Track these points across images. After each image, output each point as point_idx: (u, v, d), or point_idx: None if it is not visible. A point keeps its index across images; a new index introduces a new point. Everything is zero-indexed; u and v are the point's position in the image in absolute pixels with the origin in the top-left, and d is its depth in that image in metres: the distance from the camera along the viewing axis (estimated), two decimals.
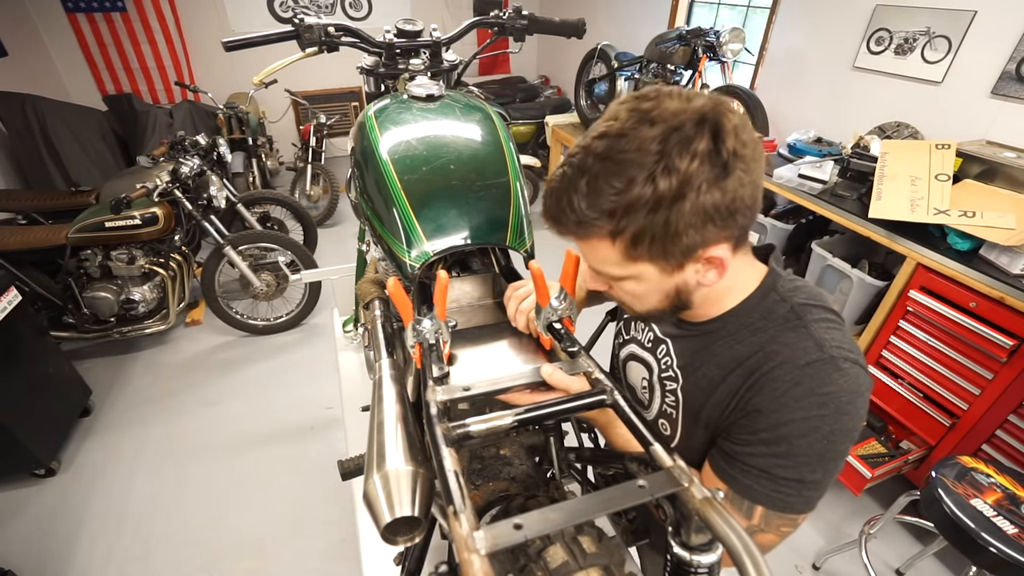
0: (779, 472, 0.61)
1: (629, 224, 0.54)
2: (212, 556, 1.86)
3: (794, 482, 0.61)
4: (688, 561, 0.54)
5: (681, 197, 0.52)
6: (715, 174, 0.52)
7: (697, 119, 0.52)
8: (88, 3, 4.09)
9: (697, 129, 0.51)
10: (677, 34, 3.17)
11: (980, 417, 1.67)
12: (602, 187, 0.53)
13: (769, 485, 0.62)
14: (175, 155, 2.64)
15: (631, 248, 0.56)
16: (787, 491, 0.62)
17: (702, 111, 0.52)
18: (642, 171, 0.51)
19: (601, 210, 0.54)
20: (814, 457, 0.60)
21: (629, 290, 0.64)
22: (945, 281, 1.70)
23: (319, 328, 3.03)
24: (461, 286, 0.92)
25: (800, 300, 0.65)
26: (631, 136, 0.52)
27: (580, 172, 0.55)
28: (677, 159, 0.51)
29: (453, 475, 0.52)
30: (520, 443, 0.79)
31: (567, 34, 1.28)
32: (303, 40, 1.11)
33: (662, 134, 0.51)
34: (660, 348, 0.79)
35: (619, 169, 0.52)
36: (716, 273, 0.60)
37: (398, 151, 0.85)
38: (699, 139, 0.51)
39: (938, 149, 1.89)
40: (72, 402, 2.34)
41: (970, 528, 1.26)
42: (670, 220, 0.53)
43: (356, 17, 4.92)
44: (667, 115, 0.52)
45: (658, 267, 0.59)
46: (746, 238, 0.63)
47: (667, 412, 0.78)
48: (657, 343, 0.80)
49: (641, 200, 0.52)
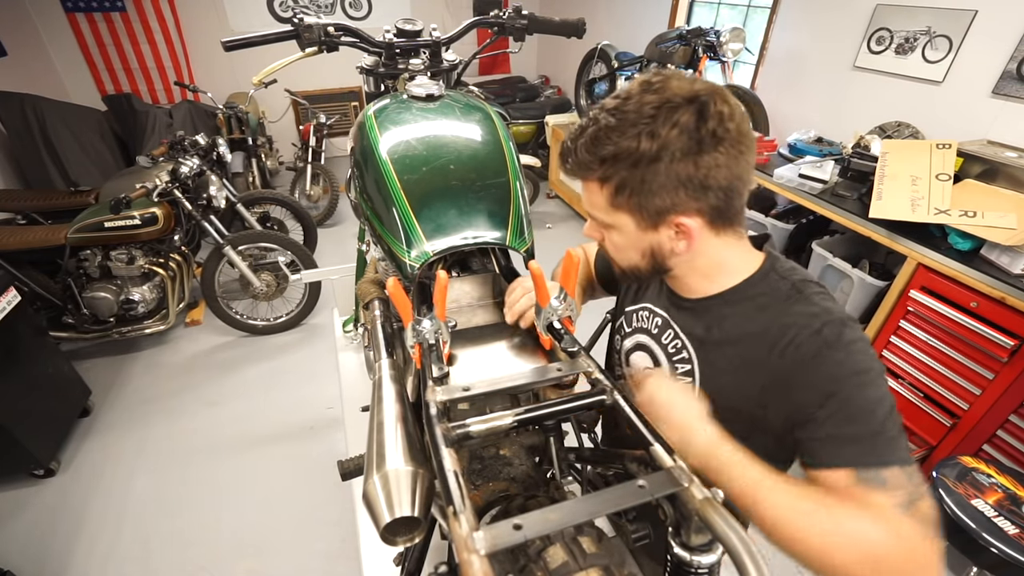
0: (881, 426, 0.60)
1: (614, 173, 0.63)
2: (212, 556, 1.85)
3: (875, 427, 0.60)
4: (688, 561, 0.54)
5: (657, 159, 0.60)
6: (690, 147, 0.59)
7: (689, 97, 0.60)
8: (88, 3, 4.09)
9: (686, 105, 0.59)
10: (677, 34, 3.17)
11: (981, 417, 1.67)
12: (602, 137, 0.63)
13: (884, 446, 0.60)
14: (175, 155, 2.64)
15: (614, 196, 0.65)
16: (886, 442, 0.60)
17: (697, 92, 0.60)
18: (633, 129, 0.60)
19: (596, 155, 0.63)
20: (874, 401, 0.61)
21: (613, 241, 0.72)
22: (946, 281, 1.70)
23: (319, 328, 3.03)
24: (461, 286, 0.91)
25: (798, 278, 0.71)
26: (634, 100, 0.61)
27: (593, 122, 0.64)
28: (661, 126, 0.59)
29: (453, 475, 0.52)
30: (520, 443, 0.79)
31: (567, 34, 1.28)
32: (303, 40, 1.10)
33: (657, 102, 0.60)
34: (667, 334, 0.81)
35: (618, 125, 0.61)
36: (686, 244, 0.67)
37: (398, 151, 0.85)
38: (684, 113, 0.59)
39: (939, 149, 1.89)
40: (71, 402, 2.34)
41: (971, 528, 1.26)
42: (646, 178, 0.61)
43: (356, 17, 4.92)
44: (668, 90, 0.60)
45: (635, 221, 0.66)
46: (728, 222, 0.68)
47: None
48: (664, 328, 0.82)
49: (625, 153, 0.61)
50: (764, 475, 0.57)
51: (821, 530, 0.54)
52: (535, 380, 0.68)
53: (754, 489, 0.56)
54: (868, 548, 0.53)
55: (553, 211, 4.50)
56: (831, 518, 0.54)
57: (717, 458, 0.59)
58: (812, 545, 0.54)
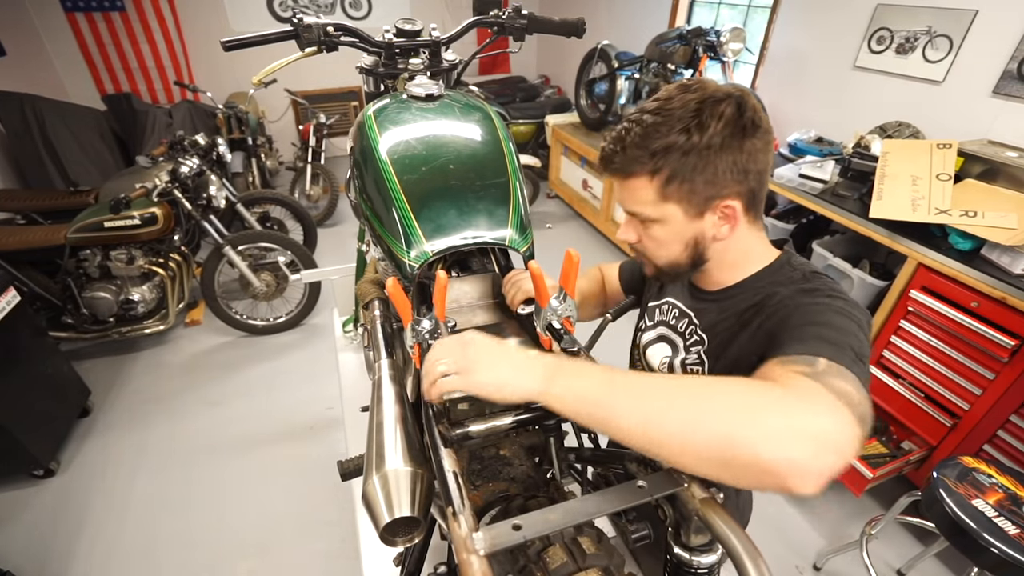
0: (831, 336, 0.60)
1: (665, 164, 0.68)
2: (212, 556, 1.85)
3: (848, 348, 0.59)
4: (688, 562, 0.54)
5: (708, 147, 0.66)
6: (736, 134, 0.66)
7: (727, 92, 0.68)
8: (87, 2, 4.08)
9: (726, 99, 0.67)
10: (678, 34, 3.17)
11: (981, 417, 1.67)
12: (650, 133, 0.68)
13: (824, 344, 0.59)
14: (174, 155, 2.64)
15: (664, 186, 0.69)
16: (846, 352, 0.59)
17: (732, 90, 0.69)
18: (680, 123, 0.66)
19: (646, 149, 0.68)
20: (851, 332, 0.62)
21: (655, 235, 0.75)
22: (946, 281, 1.69)
23: (319, 328, 3.03)
24: (460, 286, 0.91)
25: (810, 269, 0.76)
26: (677, 98, 0.68)
27: (636, 123, 0.70)
28: (708, 117, 0.66)
29: (452, 476, 0.52)
30: (520, 443, 0.79)
31: (567, 33, 1.27)
32: (302, 40, 1.10)
33: (699, 99, 0.67)
34: (683, 322, 0.87)
35: (664, 121, 0.67)
36: (729, 227, 0.73)
37: (397, 151, 0.85)
38: (726, 105, 0.66)
39: (939, 149, 1.89)
40: (71, 402, 2.34)
41: (971, 529, 1.26)
42: (697, 165, 0.67)
43: (356, 17, 4.92)
44: (706, 89, 0.68)
45: (683, 209, 0.71)
46: (757, 210, 0.75)
47: (692, 371, 0.85)
48: (681, 317, 0.87)
49: (677, 144, 0.66)
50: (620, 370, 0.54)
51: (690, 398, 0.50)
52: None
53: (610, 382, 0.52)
54: (746, 401, 0.49)
55: (553, 211, 4.50)
56: (707, 384, 0.52)
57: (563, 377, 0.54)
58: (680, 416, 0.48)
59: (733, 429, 0.46)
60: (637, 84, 3.65)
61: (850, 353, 0.58)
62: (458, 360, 0.58)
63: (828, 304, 0.66)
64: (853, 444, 0.47)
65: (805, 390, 0.51)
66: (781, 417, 0.47)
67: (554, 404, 0.54)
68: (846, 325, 0.63)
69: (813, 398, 0.50)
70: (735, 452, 0.45)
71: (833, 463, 0.45)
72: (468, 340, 0.60)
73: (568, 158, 4.21)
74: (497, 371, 0.57)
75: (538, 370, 0.56)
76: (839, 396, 0.51)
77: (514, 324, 0.87)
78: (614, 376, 0.53)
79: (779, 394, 0.50)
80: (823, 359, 0.56)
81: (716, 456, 0.46)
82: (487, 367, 0.57)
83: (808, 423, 0.47)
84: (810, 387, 0.52)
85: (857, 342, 0.61)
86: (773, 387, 0.52)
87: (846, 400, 0.51)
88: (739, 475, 0.46)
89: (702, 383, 0.52)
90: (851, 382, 0.54)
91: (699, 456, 0.47)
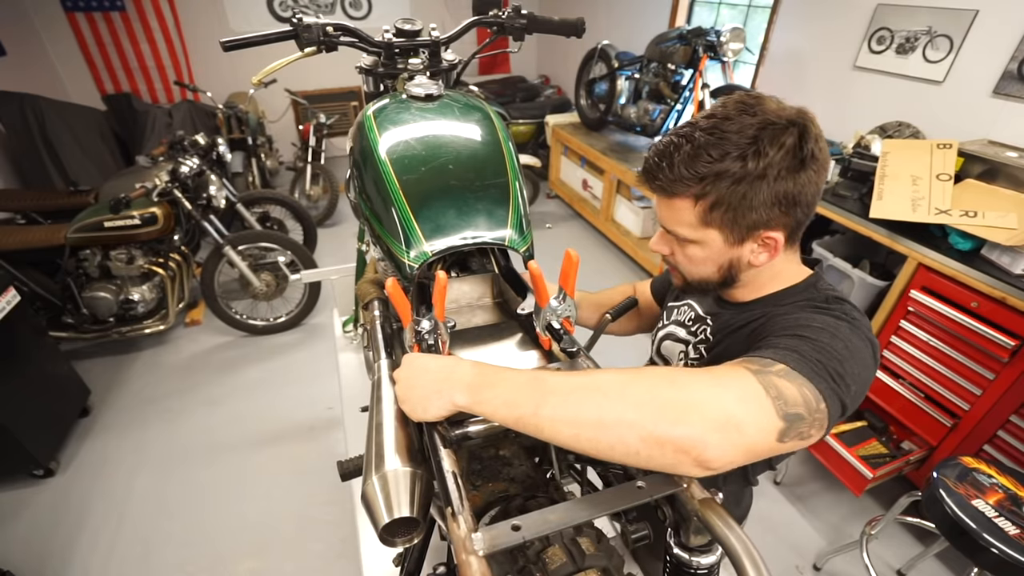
0: (805, 350, 0.58)
1: (713, 190, 0.64)
2: (212, 556, 1.85)
3: (818, 363, 0.57)
4: (687, 562, 0.54)
5: (762, 177, 0.62)
6: (793, 166, 0.62)
7: (789, 120, 0.63)
8: (87, 2, 4.09)
9: (788, 127, 0.62)
10: (678, 33, 3.17)
11: (982, 417, 1.66)
12: (701, 154, 0.63)
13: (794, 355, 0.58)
14: (174, 155, 2.64)
15: (708, 212, 0.66)
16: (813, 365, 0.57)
17: (794, 116, 0.64)
18: (737, 149, 0.62)
19: (695, 172, 0.64)
20: (835, 354, 0.59)
21: (690, 254, 0.73)
22: (946, 281, 1.69)
23: (319, 328, 3.03)
24: (460, 286, 0.91)
25: (834, 294, 0.73)
26: (735, 120, 0.63)
27: (686, 140, 0.65)
28: (767, 146, 0.61)
29: (451, 476, 0.52)
30: (519, 444, 0.79)
31: (567, 33, 1.27)
32: (302, 40, 1.10)
33: (759, 124, 0.62)
34: (698, 325, 0.87)
35: (719, 143, 0.63)
36: (768, 255, 0.70)
37: (397, 151, 0.85)
38: (788, 135, 0.62)
39: (939, 149, 1.89)
40: (71, 402, 2.34)
41: (971, 529, 1.26)
42: (747, 194, 0.63)
43: (355, 16, 4.91)
44: (766, 112, 0.63)
45: (723, 236, 0.68)
46: (798, 235, 0.73)
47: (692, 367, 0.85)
48: (697, 320, 0.87)
49: (729, 172, 0.62)
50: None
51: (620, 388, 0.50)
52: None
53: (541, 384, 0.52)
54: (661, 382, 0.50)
55: (553, 211, 4.49)
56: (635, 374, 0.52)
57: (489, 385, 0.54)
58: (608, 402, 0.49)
59: (640, 414, 0.47)
60: (637, 84, 3.65)
61: (822, 371, 0.56)
62: (398, 386, 0.61)
63: (827, 323, 0.63)
64: (761, 431, 0.49)
65: (726, 375, 0.52)
66: (678, 392, 0.49)
67: (485, 413, 0.55)
68: (833, 346, 0.59)
69: (729, 382, 0.51)
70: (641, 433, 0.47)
71: (731, 441, 0.47)
72: (404, 363, 0.62)
73: (568, 158, 4.21)
74: (420, 391, 0.57)
75: (463, 382, 0.56)
76: (768, 390, 0.51)
77: (513, 324, 0.87)
78: (542, 379, 0.53)
79: (693, 377, 0.51)
80: (781, 364, 0.55)
81: (634, 443, 0.47)
82: (411, 388, 0.59)
83: (706, 399, 0.49)
84: (736, 374, 0.52)
85: (837, 364, 0.57)
86: (694, 372, 0.52)
87: (775, 395, 0.51)
88: (653, 457, 0.48)
89: (632, 374, 0.52)
90: (800, 388, 0.53)
91: (627, 449, 0.48)
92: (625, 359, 2.72)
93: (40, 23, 4.03)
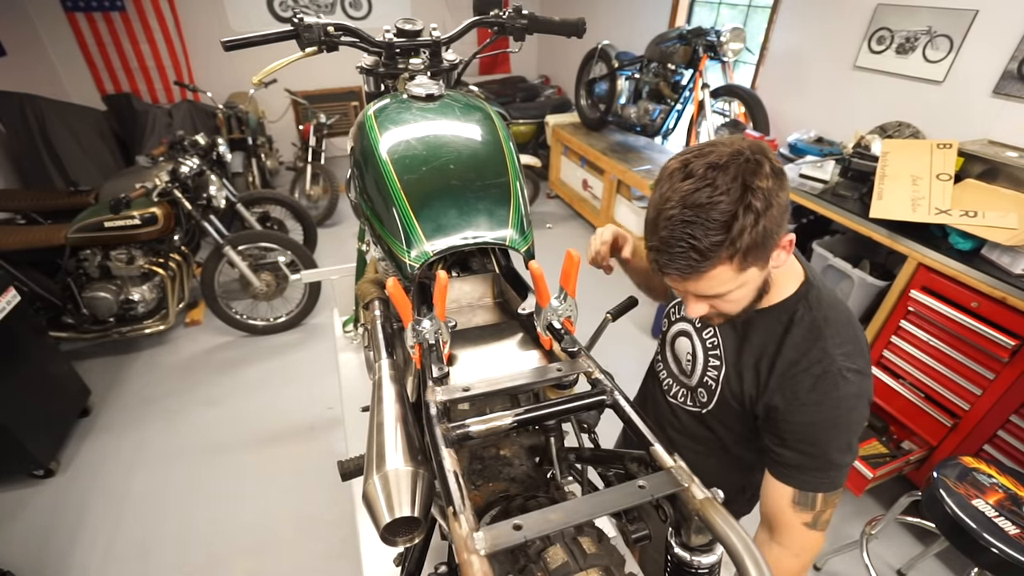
0: (834, 458, 0.79)
1: (741, 243, 0.67)
2: (212, 556, 1.85)
3: (843, 467, 0.80)
4: (688, 562, 0.54)
5: (769, 206, 0.67)
6: (780, 183, 0.69)
7: (749, 149, 0.68)
8: (87, 2, 4.08)
9: (755, 156, 0.68)
10: (678, 33, 3.17)
11: (982, 417, 1.67)
12: (714, 220, 0.66)
13: (826, 479, 0.80)
14: (174, 155, 2.64)
15: (743, 260, 0.69)
16: (838, 472, 0.80)
17: (745, 146, 0.69)
18: (739, 204, 0.66)
19: (720, 239, 0.66)
20: (849, 442, 0.79)
21: (734, 298, 0.76)
22: (946, 281, 1.69)
23: (319, 328, 3.03)
24: (461, 286, 0.91)
25: (822, 315, 0.81)
26: (717, 179, 0.66)
27: (687, 224, 0.67)
28: (755, 179, 0.66)
29: (452, 476, 0.52)
30: (520, 443, 0.79)
31: (567, 33, 1.27)
32: (302, 40, 1.10)
33: (735, 172, 0.66)
34: (707, 330, 0.93)
35: (720, 208, 0.66)
36: (786, 252, 0.76)
37: (398, 151, 0.85)
38: (759, 161, 0.67)
39: (939, 148, 1.89)
40: (71, 402, 2.34)
41: (972, 529, 1.26)
42: (767, 226, 0.68)
43: (356, 16, 4.91)
44: (727, 155, 0.67)
45: (759, 267, 0.72)
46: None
47: (708, 384, 0.93)
48: (706, 326, 0.93)
49: (747, 220, 0.66)
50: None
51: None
52: (535, 380, 0.68)
53: None
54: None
55: (553, 211, 4.50)
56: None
57: None
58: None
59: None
60: (637, 84, 3.65)
61: (844, 471, 0.80)
62: None
63: (831, 396, 0.77)
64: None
65: (803, 551, 0.83)
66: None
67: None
68: (847, 421, 0.78)
69: (809, 559, 0.84)
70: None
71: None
72: None
73: (568, 158, 4.21)
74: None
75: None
76: (824, 530, 0.83)
77: (514, 324, 0.87)
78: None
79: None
80: (820, 495, 0.80)
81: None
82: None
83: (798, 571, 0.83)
84: (807, 546, 0.82)
85: (849, 434, 0.79)
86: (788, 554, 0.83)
87: (824, 529, 0.83)
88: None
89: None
90: (834, 500, 0.81)
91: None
92: (625, 359, 2.72)
93: (40, 23, 4.03)
